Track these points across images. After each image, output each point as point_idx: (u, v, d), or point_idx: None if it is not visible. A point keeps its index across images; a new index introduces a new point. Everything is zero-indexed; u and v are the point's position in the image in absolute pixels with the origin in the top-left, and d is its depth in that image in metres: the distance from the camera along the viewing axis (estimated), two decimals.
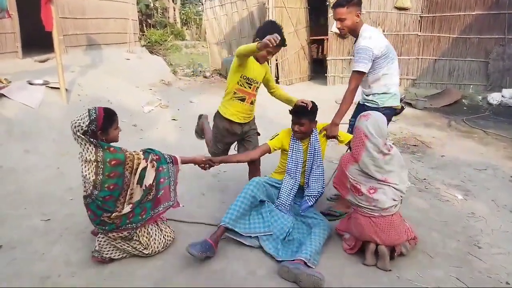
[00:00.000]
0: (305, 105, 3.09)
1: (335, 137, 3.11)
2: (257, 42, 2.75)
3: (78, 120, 2.40)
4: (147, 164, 2.56)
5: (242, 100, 3.21)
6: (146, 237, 2.68)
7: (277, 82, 9.82)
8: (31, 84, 6.10)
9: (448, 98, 8.33)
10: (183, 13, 20.35)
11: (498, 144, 5.60)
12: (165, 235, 2.81)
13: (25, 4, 7.91)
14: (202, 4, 15.63)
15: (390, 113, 3.16)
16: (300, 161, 3.14)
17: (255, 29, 12.71)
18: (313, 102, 3.15)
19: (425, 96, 8.59)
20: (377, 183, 2.58)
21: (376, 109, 3.05)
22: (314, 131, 3.14)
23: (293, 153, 3.15)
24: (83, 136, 2.37)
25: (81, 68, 7.90)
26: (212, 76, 11.65)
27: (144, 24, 17.08)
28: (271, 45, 2.64)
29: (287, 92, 3.49)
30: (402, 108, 3.29)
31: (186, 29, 19.43)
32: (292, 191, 3.11)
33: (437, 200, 3.75)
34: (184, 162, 2.91)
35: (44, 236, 3.00)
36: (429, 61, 9.36)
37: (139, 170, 2.51)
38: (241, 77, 3.13)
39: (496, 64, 8.68)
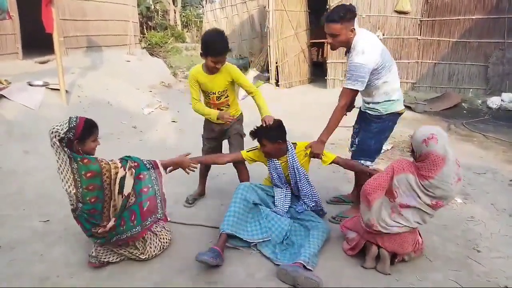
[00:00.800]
0: (264, 125, 2.99)
1: (319, 155, 3.03)
2: (212, 114, 3.20)
3: (57, 126, 2.32)
4: (126, 172, 2.45)
5: (210, 106, 3.35)
6: (142, 242, 2.67)
7: (277, 84, 9.85)
8: (31, 85, 6.12)
9: (447, 101, 8.35)
10: (183, 16, 20.38)
11: (498, 148, 5.61)
12: (160, 238, 2.79)
13: (25, 5, 7.93)
14: (203, 7, 15.67)
15: (395, 118, 3.11)
16: (281, 176, 3.13)
17: (255, 31, 12.82)
18: (277, 122, 3.02)
19: (425, 99, 8.60)
20: (413, 204, 2.44)
21: (379, 117, 3.02)
22: (290, 149, 3.05)
23: (273, 171, 3.14)
24: (58, 143, 2.28)
25: (81, 69, 7.91)
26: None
27: (144, 26, 17.10)
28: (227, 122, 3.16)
29: (265, 102, 3.28)
30: (400, 114, 3.27)
31: (187, 31, 19.45)
32: (287, 198, 3.13)
33: None
34: (165, 166, 2.75)
35: (43, 237, 3.00)
36: (429, 65, 9.38)
37: (117, 179, 2.41)
38: (202, 94, 3.31)
39: (495, 68, 8.70)
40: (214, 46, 2.99)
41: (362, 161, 3.12)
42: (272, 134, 2.94)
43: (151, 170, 2.62)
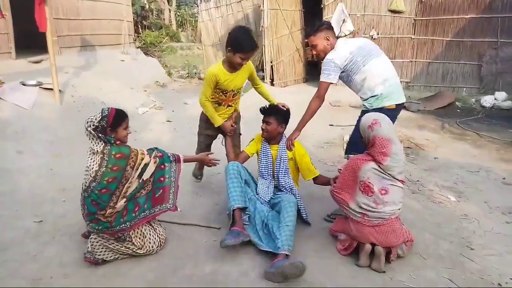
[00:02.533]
0: (275, 106, 3.24)
1: (291, 143, 3.18)
2: (217, 121, 3.31)
3: (92, 116, 2.54)
4: (150, 159, 2.64)
5: (219, 104, 3.37)
6: (140, 238, 2.68)
7: (271, 84, 9.84)
8: (24, 85, 6.07)
9: (441, 100, 8.39)
10: (178, 15, 20.30)
11: (491, 147, 5.65)
12: (158, 233, 2.81)
13: (18, 4, 7.87)
14: (198, 6, 15.62)
15: (387, 113, 3.06)
16: (270, 164, 3.24)
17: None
18: (287, 109, 3.27)
19: (419, 98, 8.64)
20: (389, 185, 2.58)
21: (366, 112, 3.03)
22: (284, 139, 3.23)
23: (263, 156, 3.26)
24: (93, 132, 2.48)
25: (75, 69, 7.87)
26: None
27: (139, 26, 17.02)
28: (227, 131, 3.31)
29: (270, 93, 3.62)
30: (394, 110, 3.28)
31: (181, 31, 19.38)
32: (269, 189, 3.21)
33: (430, 202, 3.77)
34: (188, 160, 2.99)
35: (36, 238, 2.98)
36: (423, 64, 9.42)
37: (141, 165, 2.58)
38: (215, 90, 3.28)
39: (489, 67, 8.76)
40: (245, 43, 3.02)
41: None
42: (281, 115, 3.16)
43: (173, 163, 2.80)
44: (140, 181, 2.61)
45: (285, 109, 3.25)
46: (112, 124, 2.56)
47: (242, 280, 2.53)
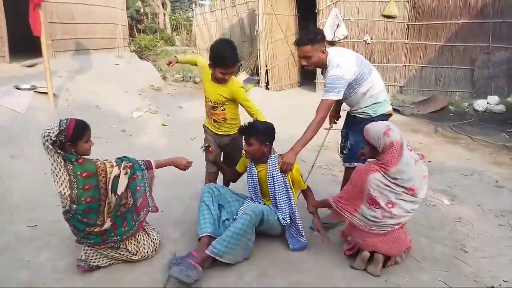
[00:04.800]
0: (255, 124, 2.93)
1: (289, 166, 2.83)
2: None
3: (48, 129, 2.31)
4: (120, 171, 2.47)
5: (206, 111, 3.31)
6: (134, 244, 2.67)
7: (266, 88, 9.87)
8: (18, 89, 6.03)
9: (434, 104, 8.46)
10: (173, 19, 20.32)
11: (484, 150, 5.70)
12: (153, 238, 2.80)
13: (13, 8, 7.83)
14: (192, 10, 15.66)
15: (385, 119, 3.13)
16: (257, 186, 3.04)
17: (245, 35, 12.84)
18: (269, 124, 2.96)
19: (412, 102, 8.70)
20: (395, 198, 2.52)
21: (369, 119, 3.03)
22: (273, 157, 2.94)
23: (249, 177, 3.08)
24: (51, 147, 2.29)
25: (70, 73, 7.83)
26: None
27: (134, 29, 17.01)
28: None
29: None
30: (390, 115, 3.30)
31: (176, 34, 19.40)
32: None
33: (424, 205, 3.78)
34: (161, 166, 2.78)
35: (30, 243, 2.96)
36: (416, 68, 9.50)
37: (111, 178, 2.42)
38: (204, 91, 3.24)
39: (481, 71, 8.85)
40: (225, 58, 2.90)
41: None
42: (262, 135, 2.87)
43: (145, 170, 2.65)
44: (116, 196, 2.46)
45: (262, 122, 2.98)
46: (71, 138, 2.34)
47: (238, 282, 2.53)
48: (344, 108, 3.34)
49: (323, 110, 2.94)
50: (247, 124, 2.95)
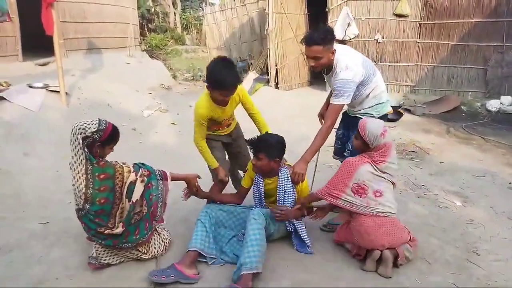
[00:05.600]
0: (266, 139, 2.82)
1: (300, 177, 2.81)
2: (212, 164, 3.05)
3: (85, 123, 2.35)
4: (137, 178, 2.48)
5: (217, 129, 3.16)
6: (146, 245, 2.68)
7: (276, 87, 9.86)
8: (31, 87, 6.12)
9: (447, 104, 8.36)
10: (183, 18, 20.40)
11: (497, 151, 5.62)
12: (163, 238, 2.81)
13: (26, 7, 7.94)
14: (203, 9, 15.71)
15: (383, 118, 3.11)
16: (263, 198, 2.97)
17: (255, 34, 12.83)
18: (280, 139, 2.86)
19: (424, 102, 8.61)
20: (384, 187, 2.63)
21: None
22: (283, 170, 2.88)
23: (255, 190, 3.00)
24: (81, 141, 2.31)
25: (81, 71, 7.92)
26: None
27: (144, 29, 17.12)
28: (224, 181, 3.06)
29: (265, 122, 3.17)
30: (401, 114, 3.28)
31: (187, 34, 19.47)
32: None
33: (436, 206, 3.75)
34: (175, 179, 2.80)
35: (42, 239, 2.99)
36: (428, 68, 9.39)
37: (127, 183, 2.43)
38: (211, 125, 3.07)
39: (494, 71, 8.71)
40: (225, 81, 2.69)
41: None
42: (273, 150, 2.78)
43: (160, 181, 2.67)
44: (130, 203, 2.46)
45: (273, 135, 2.87)
46: (105, 140, 2.41)
47: None
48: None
49: (333, 116, 2.89)
50: (256, 138, 2.86)
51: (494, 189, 4.19)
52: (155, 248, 2.72)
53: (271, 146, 2.78)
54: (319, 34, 2.75)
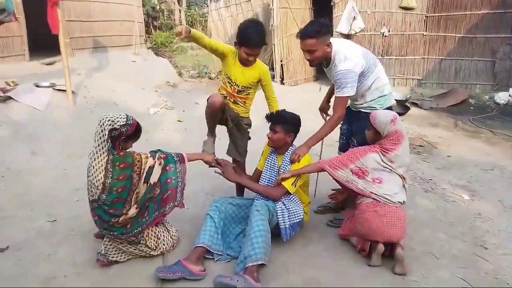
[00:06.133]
0: (283, 113, 2.95)
1: (296, 159, 2.84)
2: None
3: (113, 116, 2.44)
4: (155, 161, 2.57)
5: (225, 97, 3.17)
6: (154, 240, 2.70)
7: (282, 83, 9.83)
8: (38, 86, 6.16)
9: (454, 98, 8.27)
10: (188, 15, 20.38)
11: (505, 144, 5.56)
12: (172, 235, 2.84)
13: (31, 7, 7.99)
14: (207, 6, 15.68)
15: None
16: (274, 176, 2.99)
17: None
18: (297, 116, 2.99)
19: (431, 96, 8.54)
20: (386, 175, 2.65)
21: None
22: (291, 149, 2.97)
23: (267, 169, 3.06)
24: (107, 132, 2.38)
25: (88, 70, 7.95)
26: (218, 78, 11.66)
27: (150, 26, 17.14)
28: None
29: (278, 106, 3.27)
30: (408, 108, 3.26)
31: None
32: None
33: (443, 200, 3.72)
34: (191, 159, 2.88)
35: (50, 237, 3.02)
36: (435, 61, 9.30)
37: (146, 168, 2.51)
38: (224, 75, 3.16)
39: (502, 63, 8.60)
40: (250, 37, 2.88)
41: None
42: (289, 125, 2.92)
43: (177, 163, 2.72)
44: (148, 185, 2.54)
45: (290, 112, 2.98)
46: (131, 135, 2.53)
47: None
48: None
49: (340, 109, 2.87)
50: (274, 112, 3.01)
51: (502, 183, 4.15)
52: (164, 244, 2.73)
53: (288, 121, 2.92)
54: (312, 27, 2.78)
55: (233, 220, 2.98)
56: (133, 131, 2.52)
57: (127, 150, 2.54)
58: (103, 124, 2.39)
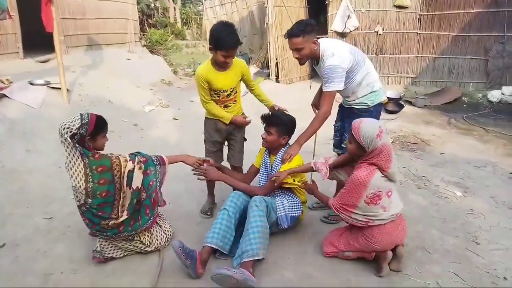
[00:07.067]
0: (280, 112, 3.02)
1: (288, 159, 2.88)
2: (226, 117, 3.16)
3: (68, 122, 2.36)
4: (134, 166, 2.52)
5: (216, 102, 3.19)
6: (148, 236, 2.73)
7: (277, 81, 9.86)
8: (32, 84, 6.13)
9: (448, 96, 8.35)
10: (183, 13, 20.35)
11: (498, 142, 5.62)
12: (165, 230, 2.86)
13: (25, 5, 7.94)
14: (203, 4, 15.66)
15: (380, 109, 3.14)
16: (268, 173, 3.06)
17: (255, 28, 12.78)
18: (292, 119, 3.01)
19: (425, 94, 8.60)
20: (392, 185, 2.52)
21: (367, 110, 3.02)
22: (283, 149, 3.00)
23: (263, 169, 3.13)
24: (70, 140, 2.33)
25: (82, 68, 7.93)
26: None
27: (144, 24, 17.09)
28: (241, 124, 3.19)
29: (265, 93, 3.42)
30: (402, 106, 3.29)
31: (187, 28, 19.44)
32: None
33: (436, 197, 3.77)
34: (173, 162, 2.83)
35: (46, 235, 3.04)
36: (429, 59, 9.36)
37: (126, 172, 2.47)
38: (210, 93, 3.13)
39: (495, 61, 8.68)
40: (225, 40, 2.83)
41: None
42: (283, 127, 2.93)
43: (158, 166, 2.70)
44: (131, 190, 2.51)
45: (286, 114, 3.01)
46: (92, 132, 2.41)
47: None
48: (337, 100, 3.13)
49: (327, 104, 2.93)
50: (270, 113, 3.01)
51: (494, 180, 4.21)
52: (157, 240, 2.76)
53: (282, 123, 2.93)
54: (298, 26, 2.85)
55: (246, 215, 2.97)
56: (94, 127, 2.41)
57: (104, 153, 2.49)
58: (62, 134, 2.34)
